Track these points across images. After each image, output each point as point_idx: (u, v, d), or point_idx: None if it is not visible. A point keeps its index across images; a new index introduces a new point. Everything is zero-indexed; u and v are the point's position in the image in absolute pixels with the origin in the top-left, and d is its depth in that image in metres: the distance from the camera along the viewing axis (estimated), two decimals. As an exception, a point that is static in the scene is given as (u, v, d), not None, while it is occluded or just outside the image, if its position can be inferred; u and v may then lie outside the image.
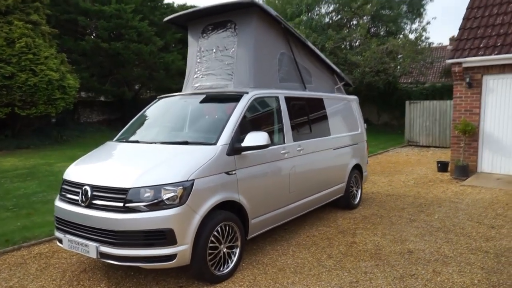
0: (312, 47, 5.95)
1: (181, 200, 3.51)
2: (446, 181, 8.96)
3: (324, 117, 5.96)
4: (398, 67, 20.52)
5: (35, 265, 4.45)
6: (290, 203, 4.98)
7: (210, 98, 4.84)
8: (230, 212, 3.99)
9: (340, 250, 4.73)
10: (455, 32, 51.18)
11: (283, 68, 5.48)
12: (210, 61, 5.27)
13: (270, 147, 4.38)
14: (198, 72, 5.38)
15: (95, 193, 3.67)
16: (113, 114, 23.59)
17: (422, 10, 25.23)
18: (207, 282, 3.83)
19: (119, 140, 4.75)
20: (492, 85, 9.10)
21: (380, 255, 4.57)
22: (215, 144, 3.96)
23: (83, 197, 3.72)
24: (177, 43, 21.71)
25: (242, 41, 4.97)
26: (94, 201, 3.66)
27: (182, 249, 3.50)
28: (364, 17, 23.86)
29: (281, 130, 4.88)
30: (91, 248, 3.57)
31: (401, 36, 24.24)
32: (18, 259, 4.66)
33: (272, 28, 5.22)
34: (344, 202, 6.49)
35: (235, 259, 4.07)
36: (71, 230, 3.81)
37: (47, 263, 4.52)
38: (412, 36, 23.26)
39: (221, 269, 3.92)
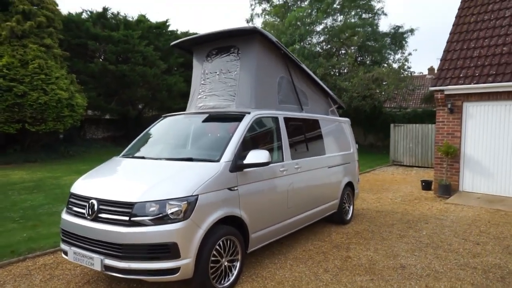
0: (309, 71, 5.94)
1: (185, 214, 3.37)
2: (430, 199, 8.88)
3: (320, 137, 5.90)
4: (383, 93, 20.73)
5: (40, 276, 4.24)
6: (288, 218, 4.84)
7: (213, 117, 4.76)
8: (231, 226, 3.85)
9: (335, 264, 4.58)
10: (433, 62, 52.26)
11: (282, 90, 5.44)
12: (213, 83, 5.21)
13: (270, 165, 4.28)
14: (202, 93, 5.32)
15: (101, 206, 3.53)
16: (118, 131, 23.41)
17: (404, 42, 25.74)
18: (209, 295, 3.64)
19: (125, 156, 4.62)
20: (472, 111, 9.16)
21: (374, 269, 4.42)
22: (218, 161, 3.85)
23: (90, 210, 3.57)
24: (179, 67, 21.78)
25: (244, 64, 4.93)
26: (100, 215, 3.51)
27: (185, 263, 3.34)
28: (352, 47, 24.27)
29: (280, 148, 4.79)
30: (96, 261, 3.40)
31: (385, 65, 24.71)
32: (23, 270, 4.44)
33: (272, 53, 5.20)
34: (337, 218, 6.36)
35: (235, 272, 3.91)
36: (76, 243, 3.64)
37: (52, 274, 4.31)
38: (395, 66, 23.71)
39: (222, 282, 3.76)
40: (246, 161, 3.95)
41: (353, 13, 26.59)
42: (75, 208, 3.79)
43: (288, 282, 4.05)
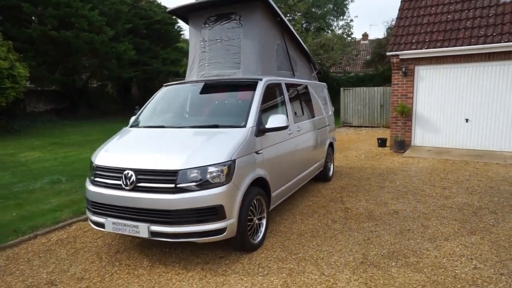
0: (298, 38, 6.06)
1: (227, 178, 3.48)
2: (389, 154, 9.78)
3: (310, 101, 6.17)
4: (330, 59, 21.47)
5: (64, 251, 4.11)
6: (295, 177, 5.14)
7: (226, 85, 4.75)
8: (258, 187, 4.03)
9: (340, 215, 5.03)
10: (366, 29, 54.50)
11: (279, 57, 5.53)
12: (214, 50, 5.13)
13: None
14: (203, 60, 5.22)
15: (140, 176, 3.48)
16: (61, 103, 21.56)
17: (345, 9, 26.54)
18: (247, 251, 3.86)
19: (140, 126, 4.48)
20: (422, 73, 10.03)
21: (374, 216, 4.95)
22: (245, 126, 3.94)
23: (127, 181, 3.50)
24: (127, 34, 20.32)
25: (248, 32, 4.91)
26: (140, 184, 3.47)
27: (230, 223, 3.49)
28: (298, 13, 24.44)
29: (285, 113, 4.97)
30: (142, 228, 3.41)
31: (329, 31, 25.43)
32: (41, 246, 4.25)
33: (271, 20, 5.22)
34: (322, 175, 6.82)
35: (263, 229, 4.14)
36: (114, 213, 3.57)
37: (74, 247, 4.19)
38: (339, 32, 24.50)
39: (255, 238, 3.98)
40: (268, 126, 4.10)
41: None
42: (105, 180, 3.67)
43: (307, 233, 4.40)
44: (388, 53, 10.35)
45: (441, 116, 9.88)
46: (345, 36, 23.43)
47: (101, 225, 3.69)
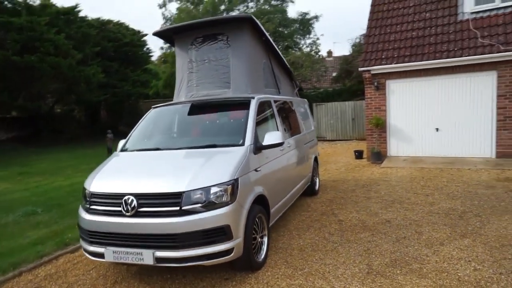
0: (282, 56, 6.22)
1: (232, 197, 3.45)
2: (367, 166, 10.07)
3: (295, 117, 6.29)
4: (300, 76, 22.06)
5: (55, 287, 3.85)
6: (289, 192, 5.18)
7: (219, 104, 4.76)
8: (258, 205, 4.02)
9: (335, 228, 5.09)
10: (331, 46, 56.61)
11: (265, 75, 5.64)
12: (203, 71, 5.15)
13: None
14: (191, 81, 5.22)
15: (141, 201, 3.37)
16: (24, 131, 20.61)
17: (311, 28, 27.58)
18: (252, 270, 3.81)
19: (133, 150, 4.37)
20: (393, 87, 10.53)
21: (368, 227, 5.05)
22: (243, 145, 3.95)
23: (128, 206, 3.38)
24: (96, 57, 19.91)
25: (236, 52, 4.99)
26: (141, 209, 3.36)
27: (237, 242, 3.45)
28: (267, 33, 25.09)
29: (276, 129, 5.03)
30: (146, 255, 3.28)
31: (297, 49, 26.26)
32: (28, 284, 3.97)
33: (258, 39, 5.34)
34: (310, 190, 6.89)
35: (265, 247, 4.11)
36: (114, 242, 3.42)
37: (66, 282, 3.95)
38: (307, 49, 25.35)
39: (258, 256, 3.94)
40: (265, 143, 4.13)
41: (261, 0, 27.47)
42: (103, 208, 3.53)
43: (308, 248, 4.41)
44: (360, 69, 10.81)
45: (413, 127, 10.36)
46: (313, 54, 24.26)
47: (100, 255, 3.52)
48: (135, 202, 3.37)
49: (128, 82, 21.64)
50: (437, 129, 10.02)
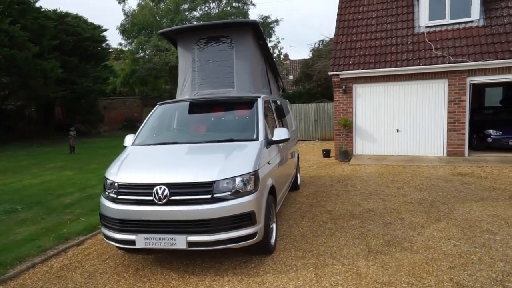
0: (273, 60, 6.64)
1: (255, 186, 3.80)
2: (336, 163, 10.83)
3: (284, 116, 6.75)
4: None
5: (77, 275, 3.93)
6: (285, 184, 5.61)
7: (229, 102, 5.05)
8: (270, 194, 4.40)
9: (327, 217, 5.61)
10: (287, 49, 58.22)
11: (262, 77, 6.02)
12: (207, 70, 5.41)
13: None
14: (194, 80, 5.45)
15: (173, 190, 3.61)
16: (-32, 127, 18.99)
17: (271, 31, 28.36)
18: (268, 253, 4.17)
19: (146, 144, 4.54)
20: (359, 91, 11.42)
21: (355, 215, 5.63)
22: (257, 139, 4.31)
23: (160, 195, 3.59)
24: (53, 50, 18.89)
25: (239, 53, 5.31)
26: (173, 198, 3.60)
27: (260, 227, 3.80)
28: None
29: (275, 126, 5.44)
30: (179, 240, 3.53)
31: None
32: (46, 274, 3.99)
33: (257, 43, 5.71)
34: (293, 185, 7.38)
35: (274, 232, 4.49)
36: (145, 229, 3.62)
37: (87, 271, 4.04)
38: (270, 52, 26.05)
39: (271, 241, 4.31)
40: (274, 138, 4.53)
41: (224, 1, 27.77)
42: (134, 197, 3.70)
43: (309, 234, 4.87)
44: (329, 73, 11.57)
45: (377, 128, 11.32)
46: (275, 57, 25.03)
47: (129, 242, 3.68)
48: (167, 191, 3.59)
49: (88, 78, 20.77)
50: (397, 130, 11.06)
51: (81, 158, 13.86)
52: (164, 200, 3.58)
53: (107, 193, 3.93)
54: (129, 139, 4.76)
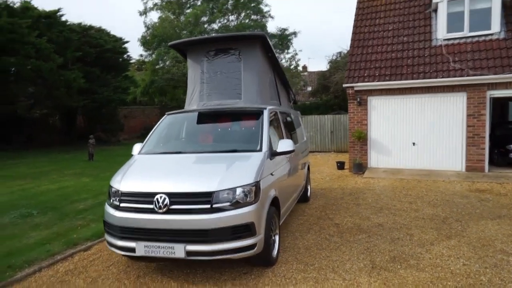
0: (283, 71, 6.68)
1: (256, 197, 3.79)
2: (350, 176, 10.67)
3: (294, 128, 6.74)
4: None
5: (79, 281, 4.01)
6: (292, 196, 5.57)
7: (235, 113, 5.11)
8: (273, 206, 4.38)
9: (333, 230, 5.52)
10: (306, 61, 58.42)
11: (271, 88, 6.06)
12: (215, 82, 5.49)
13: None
14: (202, 91, 5.54)
15: (173, 199, 3.65)
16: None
17: (289, 43, 28.54)
18: (268, 265, 4.13)
19: (153, 153, 4.63)
20: (374, 103, 11.29)
21: (363, 229, 5.52)
22: (261, 150, 4.32)
23: (160, 204, 3.64)
24: (76, 62, 19.64)
25: (247, 66, 5.38)
26: (173, 207, 3.63)
27: (259, 238, 3.78)
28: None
29: (282, 138, 5.44)
30: (178, 249, 3.55)
31: (277, 63, 27.06)
32: (51, 278, 4.08)
33: (265, 55, 5.77)
34: (303, 197, 7.30)
35: (276, 245, 4.45)
36: (146, 237, 3.66)
37: (90, 276, 4.11)
38: (286, 64, 26.22)
39: (272, 253, 4.27)
40: (279, 150, 4.52)
41: (243, 14, 28.23)
42: (135, 205, 3.76)
43: (313, 247, 4.80)
44: (344, 85, 11.50)
45: (392, 140, 11.12)
46: (292, 68, 25.14)
47: (130, 249, 3.73)
48: (167, 200, 3.64)
49: (109, 88, 21.43)
50: (413, 143, 10.82)
51: (99, 165, 14.21)
52: (164, 209, 3.63)
53: (111, 200, 4.01)
54: (136, 148, 4.87)
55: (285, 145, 4.55)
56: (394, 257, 4.35)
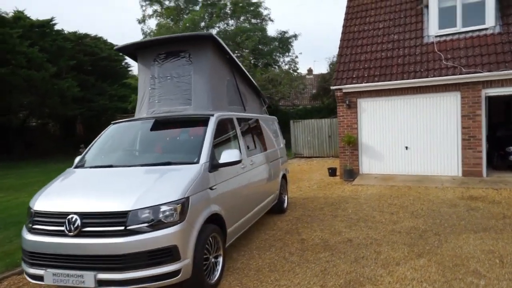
0: (248, 74, 6.26)
1: (181, 217, 3.37)
2: (339, 183, 10.13)
3: (261, 135, 6.29)
4: (279, 93, 22.32)
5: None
6: (250, 211, 5.12)
7: (178, 121, 4.71)
8: (213, 224, 3.95)
9: (296, 247, 5.04)
10: (311, 64, 57.87)
11: (229, 93, 5.65)
12: (165, 87, 5.12)
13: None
14: (153, 97, 5.17)
15: (85, 220, 3.25)
16: (-6, 144, 19.91)
17: (290, 46, 28.09)
18: (203, 292, 3.69)
19: (84, 167, 4.24)
20: (364, 105, 10.74)
21: (329, 246, 5.02)
22: (197, 162, 3.90)
23: (71, 226, 3.25)
24: (71, 70, 19.63)
25: (198, 69, 4.99)
26: (85, 229, 3.24)
27: (185, 263, 3.35)
28: (246, 50, 25.41)
29: (238, 147, 5.01)
30: (88, 278, 3.15)
31: (276, 67, 26.68)
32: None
33: (221, 57, 5.37)
34: (277, 208, 6.84)
35: (219, 267, 4.02)
36: (55, 263, 3.27)
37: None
38: (286, 67, 25.80)
39: (211, 277, 3.84)
40: (221, 161, 4.10)
41: (242, 18, 27.95)
42: (46, 227, 3.38)
43: (265, 269, 4.34)
44: (332, 87, 11.01)
45: (384, 145, 10.54)
46: (291, 71, 24.69)
47: (40, 277, 3.35)
48: (79, 221, 3.25)
49: (104, 96, 21.34)
50: (406, 148, 10.23)
51: (87, 176, 13.96)
52: (75, 232, 3.23)
53: (27, 222, 3.64)
54: (76, 161, 4.51)
55: (229, 155, 4.12)
56: (349, 281, 3.86)
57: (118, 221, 3.20)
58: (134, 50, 5.40)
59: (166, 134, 4.67)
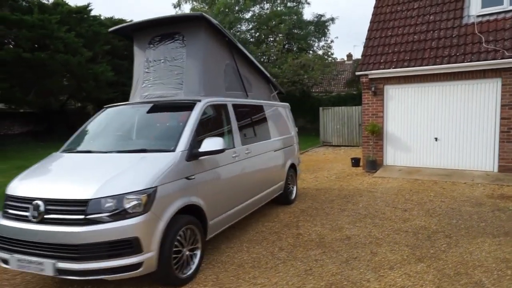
0: (252, 58, 5.94)
1: (145, 207, 3.21)
2: (360, 174, 9.59)
3: (265, 122, 5.98)
4: (311, 78, 21.60)
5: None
6: (242, 203, 4.88)
7: (163, 106, 4.54)
8: (190, 215, 3.76)
9: (289, 242, 4.75)
10: (351, 49, 55.67)
11: (229, 77, 5.37)
12: (158, 71, 4.95)
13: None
14: (146, 81, 5.03)
15: (49, 207, 3.19)
16: (38, 126, 21.15)
17: (326, 30, 26.97)
18: (172, 286, 3.55)
19: (67, 151, 4.21)
20: (391, 92, 9.99)
21: (324, 243, 4.68)
22: (174, 150, 3.71)
23: (35, 212, 3.20)
24: (106, 55, 20.18)
25: (191, 52, 4.76)
26: (48, 216, 3.17)
27: (148, 256, 3.20)
28: (280, 35, 24.76)
29: (230, 135, 4.76)
30: (47, 266, 3.09)
31: (311, 52, 25.79)
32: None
33: (218, 40, 5.09)
34: (283, 198, 6.56)
35: (196, 260, 3.85)
36: (20, 249, 3.25)
37: (-10, 286, 3.81)
38: (320, 52, 24.86)
39: (185, 271, 3.68)
40: (201, 150, 3.87)
41: (278, 1, 27.16)
42: (14, 211, 3.38)
43: (248, 264, 4.11)
44: (357, 73, 10.35)
45: (411, 135, 9.78)
46: (326, 57, 23.74)
47: (6, 261, 3.35)
48: (42, 208, 3.19)
49: (137, 81, 21.79)
50: (436, 139, 9.42)
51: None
52: (39, 218, 3.18)
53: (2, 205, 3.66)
54: (64, 145, 4.49)
55: (210, 144, 3.89)
56: (330, 285, 3.53)
57: (79, 209, 3.11)
58: (130, 32, 5.26)
59: (149, 120, 4.52)
